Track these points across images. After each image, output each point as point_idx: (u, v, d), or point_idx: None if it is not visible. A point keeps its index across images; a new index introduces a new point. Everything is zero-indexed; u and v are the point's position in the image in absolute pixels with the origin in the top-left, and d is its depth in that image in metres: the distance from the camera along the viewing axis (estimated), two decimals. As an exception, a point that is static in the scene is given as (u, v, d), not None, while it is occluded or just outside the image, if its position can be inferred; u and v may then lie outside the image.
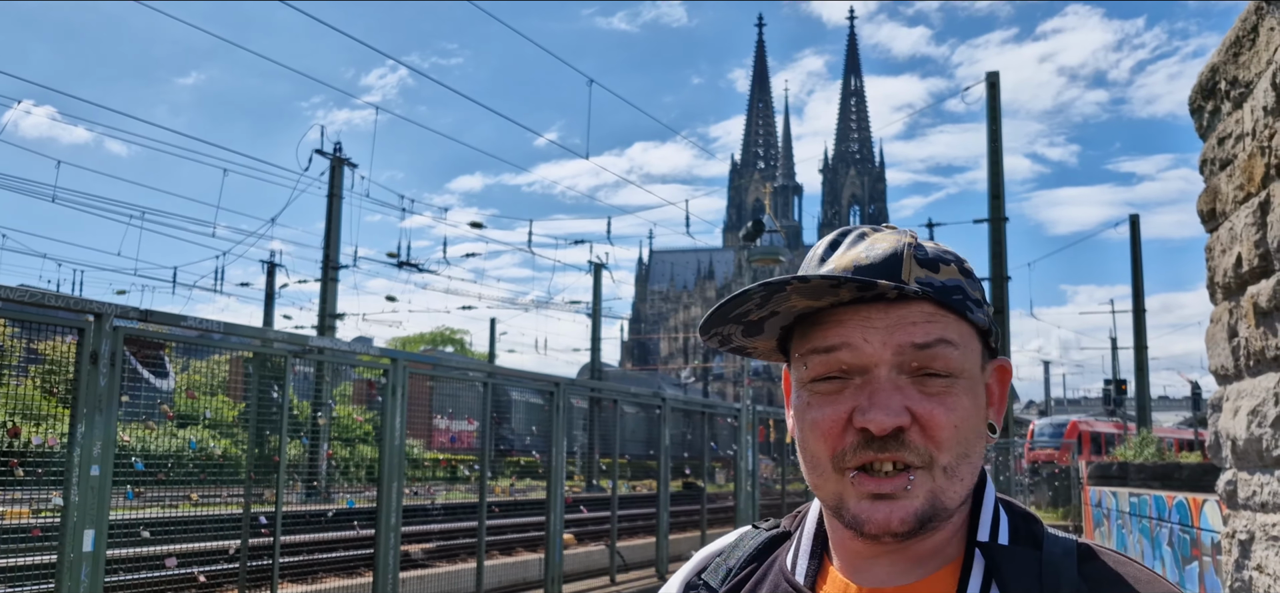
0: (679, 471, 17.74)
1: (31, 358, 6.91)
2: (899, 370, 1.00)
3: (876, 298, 1.01)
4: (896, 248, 1.03)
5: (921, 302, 1.01)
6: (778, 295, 1.00)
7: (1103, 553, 1.02)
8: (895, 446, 0.98)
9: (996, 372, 1.08)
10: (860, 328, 1.00)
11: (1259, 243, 4.28)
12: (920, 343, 0.99)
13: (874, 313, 1.01)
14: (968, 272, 1.06)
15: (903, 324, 1.00)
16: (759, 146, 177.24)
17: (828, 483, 1.03)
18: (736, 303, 1.02)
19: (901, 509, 0.98)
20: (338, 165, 29.84)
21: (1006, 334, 26.50)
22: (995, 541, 1.03)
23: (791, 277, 0.99)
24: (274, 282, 40.48)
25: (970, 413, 1.01)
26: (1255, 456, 4.42)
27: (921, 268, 1.02)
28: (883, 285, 0.98)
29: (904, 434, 0.98)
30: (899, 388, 0.99)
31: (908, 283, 1.01)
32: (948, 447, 0.99)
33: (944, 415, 0.99)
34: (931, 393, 1.00)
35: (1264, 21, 4.21)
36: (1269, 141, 4.14)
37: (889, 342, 0.99)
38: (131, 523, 6.97)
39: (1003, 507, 1.07)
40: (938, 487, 0.99)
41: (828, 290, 0.99)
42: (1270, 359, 4.23)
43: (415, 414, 13.76)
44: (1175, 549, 13.03)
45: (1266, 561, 4.39)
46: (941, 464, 0.99)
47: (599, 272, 45.83)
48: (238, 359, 8.72)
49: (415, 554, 12.89)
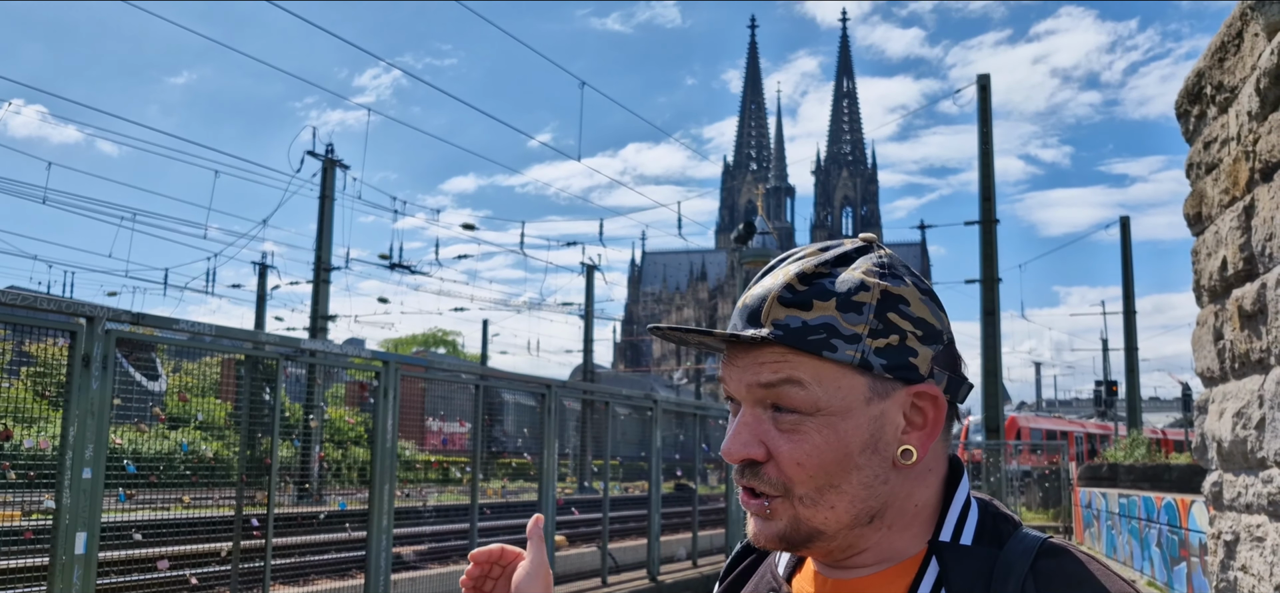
0: (671, 472, 17.77)
1: (23, 360, 6.91)
2: (759, 405, 1.08)
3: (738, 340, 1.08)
4: (767, 292, 1.08)
5: (772, 346, 1.06)
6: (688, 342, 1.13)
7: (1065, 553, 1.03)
8: (751, 476, 1.07)
9: (923, 398, 1.08)
10: (731, 362, 1.10)
11: (1243, 247, 4.32)
12: (766, 382, 1.06)
13: (737, 353, 1.10)
14: (855, 303, 1.06)
15: (754, 364, 1.08)
16: (752, 148, 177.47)
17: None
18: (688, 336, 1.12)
19: (766, 530, 1.08)
20: (330, 167, 29.81)
21: (997, 336, 26.57)
22: (956, 540, 1.07)
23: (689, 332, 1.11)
24: (266, 283, 40.43)
25: (827, 449, 1.04)
26: (1240, 457, 4.46)
27: (787, 308, 1.06)
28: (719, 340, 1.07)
29: (760, 468, 1.07)
30: (758, 422, 1.08)
31: (762, 327, 1.07)
32: (800, 480, 1.05)
33: (789, 451, 1.05)
34: (783, 429, 1.06)
35: (1248, 27, 4.26)
36: (1253, 146, 4.18)
37: (743, 379, 1.08)
38: (123, 525, 6.97)
39: (979, 507, 1.10)
40: (799, 514, 1.06)
41: (716, 344, 1.09)
42: (1255, 362, 4.26)
43: (408, 416, 13.76)
44: (1164, 550, 13.08)
45: (1251, 561, 4.43)
46: (797, 494, 1.06)
47: (591, 273, 45.87)
48: (230, 361, 8.73)
49: (407, 556, 12.90)
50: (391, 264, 34.63)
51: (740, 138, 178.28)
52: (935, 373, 1.08)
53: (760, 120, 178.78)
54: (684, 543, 17.30)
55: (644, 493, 16.60)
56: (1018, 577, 1.00)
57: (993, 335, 26.41)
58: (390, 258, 34.59)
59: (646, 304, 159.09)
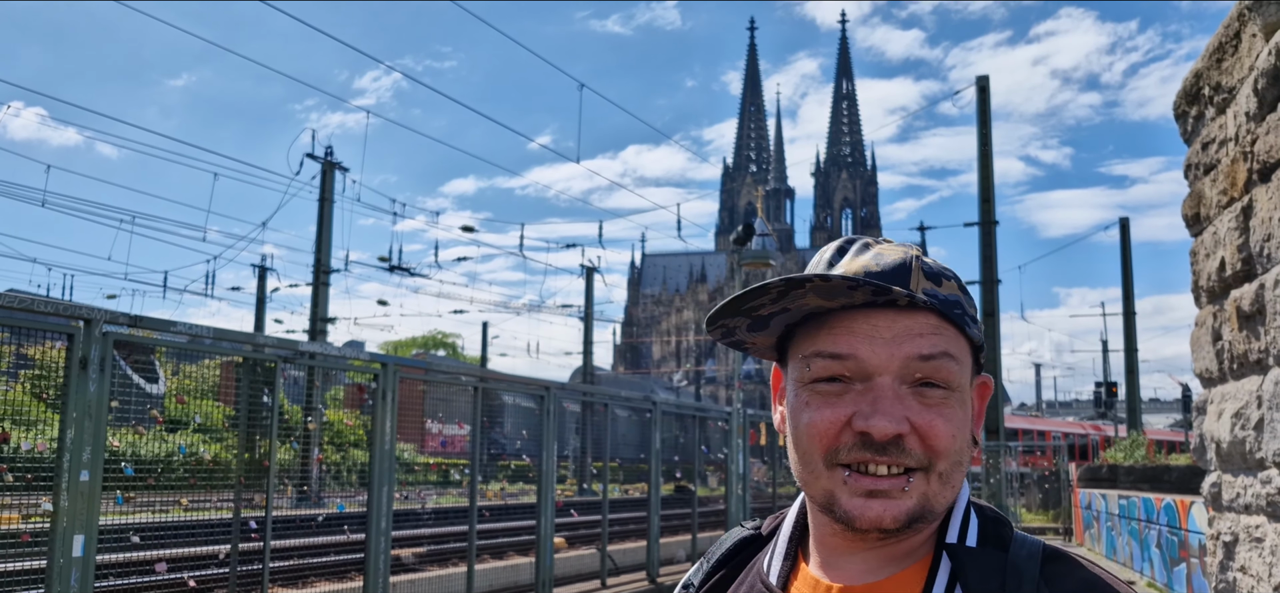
0: (671, 474, 17.76)
1: (22, 363, 6.90)
2: (901, 381, 1.04)
3: (887, 304, 1.04)
4: (904, 258, 1.07)
5: (927, 313, 1.05)
6: (795, 291, 1.03)
7: (1068, 557, 1.05)
8: (895, 450, 1.02)
9: (979, 387, 1.13)
10: (867, 335, 1.04)
11: (1242, 247, 4.32)
12: (925, 354, 1.03)
13: (881, 320, 1.04)
14: (964, 288, 1.10)
15: (909, 335, 1.04)
16: (751, 150, 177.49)
17: (819, 480, 1.06)
18: (753, 296, 1.05)
19: (895, 507, 1.02)
20: (329, 169, 29.81)
21: (997, 337, 26.58)
22: (963, 542, 1.07)
23: (813, 274, 1.03)
24: (265, 286, 40.42)
25: (964, 424, 1.06)
26: (1239, 458, 4.46)
27: (927, 280, 1.06)
28: (897, 292, 1.02)
29: (903, 441, 1.02)
30: (900, 398, 1.03)
31: (917, 293, 1.04)
32: (945, 455, 1.03)
33: (943, 426, 1.03)
34: (930, 404, 1.04)
35: (1246, 28, 4.25)
36: (1251, 147, 4.18)
37: (896, 352, 1.03)
38: (121, 528, 6.96)
39: (975, 510, 1.11)
40: (931, 491, 1.03)
41: (844, 292, 1.02)
42: (1253, 363, 4.26)
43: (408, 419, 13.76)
44: (1164, 551, 13.08)
45: (1250, 562, 4.43)
46: (938, 470, 1.03)
47: (591, 275, 45.88)
48: (229, 364, 8.72)
49: (406, 559, 12.89)
50: (391, 267, 34.62)
51: (740, 140, 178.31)
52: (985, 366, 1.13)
53: (760, 122, 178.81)
54: (683, 545, 17.29)
55: (644, 495, 16.59)
56: (1031, 581, 1.01)
57: (992, 337, 26.40)
58: (390, 260, 34.59)
59: (646, 306, 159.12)
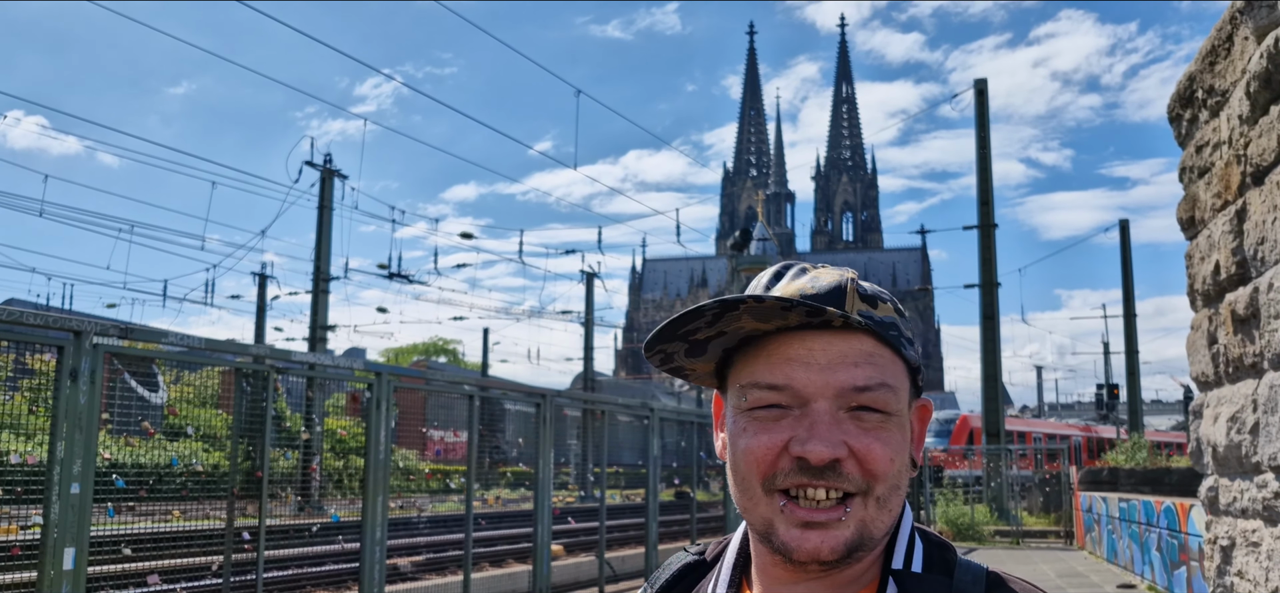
0: (671, 480, 17.74)
1: (23, 372, 6.87)
2: (837, 405, 1.02)
3: (822, 326, 1.03)
4: (840, 281, 1.06)
5: (862, 335, 1.04)
6: (729, 314, 1.02)
7: (1009, 581, 1.05)
8: (832, 475, 1.01)
9: (918, 411, 1.12)
10: (802, 360, 1.03)
11: (1236, 251, 4.29)
12: (861, 386, 1.02)
13: (816, 344, 1.03)
14: (901, 310, 1.09)
15: (844, 362, 1.02)
16: (751, 154, 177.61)
17: (758, 507, 1.04)
18: (687, 320, 1.03)
19: (832, 538, 1.01)
20: (328, 177, 29.82)
21: (997, 340, 26.54)
22: (909, 568, 1.06)
23: (746, 295, 1.01)
24: (265, 294, 40.44)
25: (902, 448, 1.05)
26: (1235, 462, 4.43)
27: (862, 302, 1.05)
28: (830, 313, 1.01)
29: (840, 466, 1.01)
30: (837, 422, 1.02)
31: (851, 314, 1.03)
32: (883, 478, 1.02)
33: (881, 450, 1.02)
34: (867, 428, 1.02)
35: (1238, 30, 4.23)
36: (1244, 150, 4.15)
37: (831, 380, 1.02)
38: (113, 540, 6.93)
39: (919, 536, 1.10)
40: (869, 517, 1.02)
41: (778, 313, 1.01)
42: (1248, 366, 4.23)
43: (408, 426, 13.75)
44: (1164, 554, 13.04)
45: (1247, 566, 4.39)
46: (876, 495, 1.02)
47: (591, 281, 45.88)
48: (230, 373, 8.69)
49: (404, 567, 12.85)
50: (390, 274, 34.60)
51: (740, 144, 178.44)
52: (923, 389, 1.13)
53: (760, 126, 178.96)
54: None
55: (644, 501, 16.56)
56: None
57: (992, 339, 26.37)
58: (389, 268, 34.57)
59: (647, 311, 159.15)
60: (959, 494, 25.13)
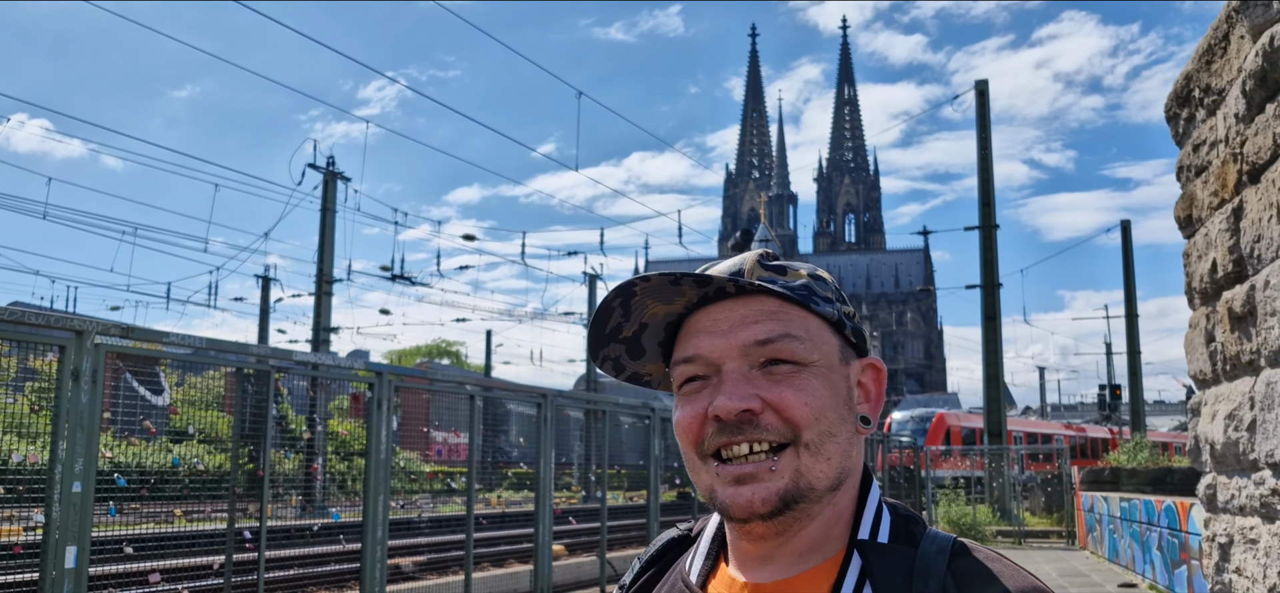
0: (672, 481, 17.75)
1: (27, 375, 6.90)
2: (748, 364, 1.06)
3: (718, 295, 1.08)
4: (743, 260, 1.12)
5: (763, 297, 1.08)
6: (634, 301, 1.08)
7: (975, 551, 1.07)
8: (750, 429, 1.04)
9: (867, 369, 1.15)
10: (707, 330, 1.08)
11: (1233, 249, 4.30)
12: (762, 339, 1.06)
13: (719, 313, 1.08)
14: (820, 278, 1.13)
15: (745, 322, 1.07)
16: (753, 156, 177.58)
17: (700, 477, 1.09)
18: (603, 316, 1.09)
19: (763, 490, 1.03)
20: (331, 179, 29.87)
21: (999, 341, 26.52)
22: (875, 539, 1.08)
23: (637, 278, 1.06)
24: (269, 296, 40.50)
25: (825, 396, 1.07)
26: (1233, 459, 4.44)
27: (766, 271, 1.10)
28: (722, 280, 1.06)
29: (757, 418, 1.04)
30: (747, 379, 1.06)
31: (749, 280, 1.08)
32: (806, 424, 1.04)
33: (794, 395, 1.05)
34: (779, 379, 1.06)
35: (1234, 29, 4.24)
36: (1241, 148, 4.17)
37: (733, 340, 1.06)
38: (115, 540, 6.96)
39: (888, 508, 1.13)
40: (802, 465, 1.04)
41: (672, 289, 1.07)
42: (1245, 364, 4.24)
43: (411, 428, 13.77)
44: (1165, 553, 13.04)
45: (1245, 564, 4.41)
46: (805, 441, 1.04)
47: (593, 283, 45.94)
48: (232, 375, 8.72)
49: (406, 568, 12.87)
50: (393, 276, 34.64)
51: (742, 146, 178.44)
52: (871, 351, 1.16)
53: (762, 128, 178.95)
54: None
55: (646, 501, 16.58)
56: (938, 577, 1.02)
57: (994, 340, 26.36)
58: (392, 270, 34.61)
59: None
60: (960, 494, 25.13)
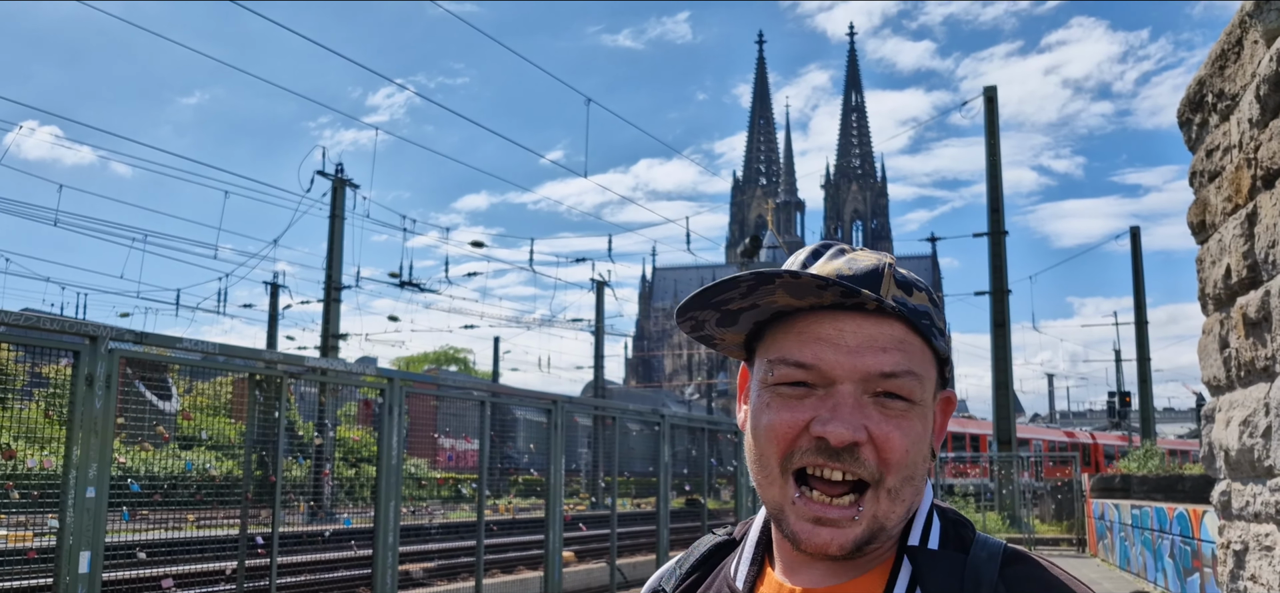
0: (681, 487, 17.75)
1: (37, 382, 6.93)
2: (862, 389, 1.02)
3: (855, 308, 1.03)
4: (878, 265, 1.06)
5: (894, 321, 1.03)
6: (764, 287, 1.02)
7: (1028, 558, 1.04)
8: (849, 458, 1.00)
9: (943, 402, 1.11)
10: (832, 341, 1.02)
11: (1247, 254, 4.29)
12: (888, 372, 1.01)
13: (847, 325, 1.03)
14: (935, 301, 1.09)
15: (873, 346, 1.02)
16: (761, 163, 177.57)
17: (773, 488, 1.05)
18: (722, 289, 1.03)
19: (841, 536, 1.01)
20: (339, 186, 29.94)
21: (1008, 347, 26.46)
22: (924, 545, 1.06)
23: (783, 270, 1.01)
24: (277, 303, 40.56)
25: (921, 438, 1.04)
26: (1247, 466, 4.42)
27: (898, 288, 1.05)
28: (865, 296, 1.00)
29: (858, 450, 1.00)
30: (860, 406, 1.01)
31: (886, 299, 1.03)
32: (897, 468, 1.01)
33: (899, 439, 1.01)
34: (890, 415, 1.02)
35: (1248, 34, 4.24)
36: (1255, 153, 4.16)
37: (858, 364, 1.01)
38: (128, 545, 6.97)
39: (938, 513, 1.10)
40: (882, 511, 1.01)
41: (813, 291, 1.01)
42: (1260, 370, 4.23)
43: (419, 434, 13.80)
44: (1176, 561, 12.98)
45: (1260, 571, 4.39)
46: (888, 485, 1.01)
47: (601, 289, 45.93)
48: (242, 382, 8.74)
49: (416, 574, 12.87)
50: (402, 283, 34.69)
51: (749, 153, 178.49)
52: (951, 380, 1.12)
53: (769, 135, 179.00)
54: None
55: (655, 508, 16.58)
56: (989, 584, 1.00)
57: (1003, 347, 26.30)
58: (400, 276, 34.67)
59: (657, 320, 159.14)
60: (970, 502, 25.06)
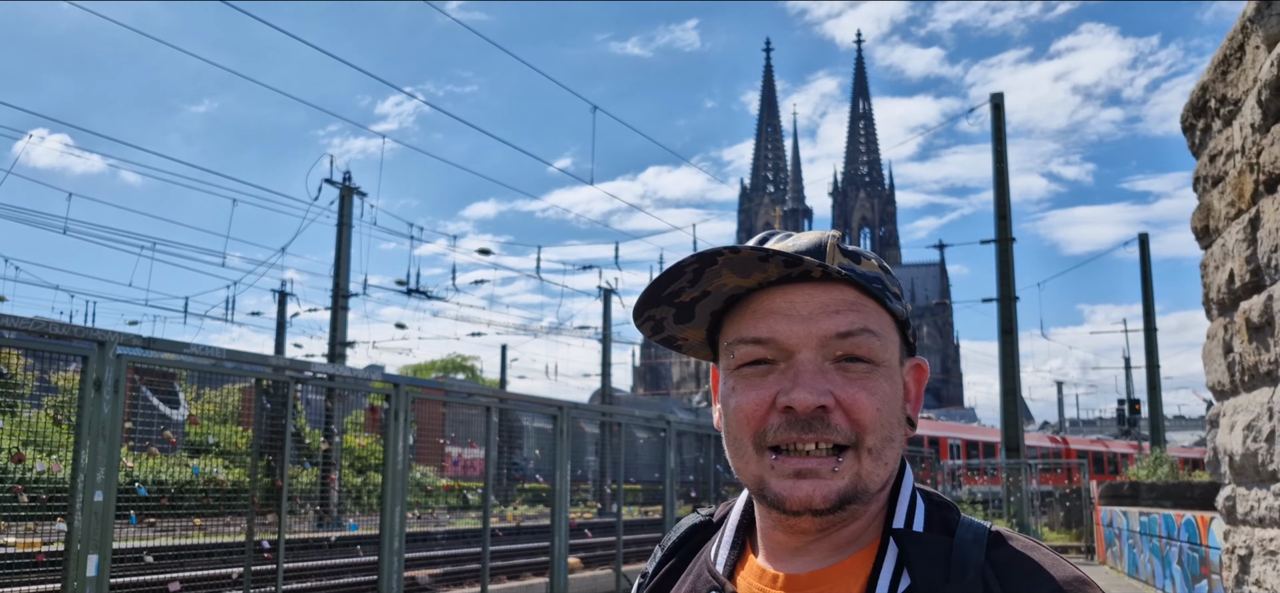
0: (687, 495, 17.74)
1: (46, 388, 6.97)
2: (823, 356, 1.02)
3: (802, 278, 1.04)
4: (821, 239, 1.07)
5: (844, 285, 1.04)
6: (709, 270, 1.02)
7: (1012, 539, 1.04)
8: (820, 427, 1.00)
9: (913, 369, 1.12)
10: (784, 313, 1.03)
11: (1250, 259, 4.29)
12: (844, 331, 1.02)
13: (798, 296, 1.03)
14: (886, 268, 1.10)
15: (826, 311, 1.03)
16: (768, 170, 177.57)
17: (749, 465, 1.04)
18: (670, 279, 1.03)
19: (825, 487, 1.00)
20: (347, 194, 30.04)
21: (1016, 354, 26.40)
22: (909, 528, 1.05)
23: (723, 247, 1.01)
24: (285, 311, 40.69)
25: (890, 398, 1.04)
26: (1252, 471, 4.41)
27: (844, 256, 1.06)
28: (809, 262, 1.01)
29: (827, 416, 1.00)
30: (822, 372, 1.01)
31: (831, 265, 1.04)
32: (872, 428, 1.01)
33: (866, 398, 1.01)
34: (853, 378, 1.02)
35: (1249, 40, 4.24)
36: (1257, 158, 4.16)
37: (813, 329, 1.02)
38: (136, 550, 7.01)
39: (921, 496, 1.10)
40: (863, 469, 1.01)
41: (755, 264, 1.01)
42: (1264, 374, 4.22)
43: (426, 442, 13.83)
44: (1184, 568, 12.93)
45: (1265, 575, 4.38)
46: (867, 446, 1.01)
47: (608, 297, 45.95)
48: (249, 389, 8.77)
49: (422, 580, 12.89)
50: (408, 290, 34.75)
51: (757, 161, 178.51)
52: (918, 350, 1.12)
53: (777, 143, 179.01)
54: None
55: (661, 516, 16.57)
56: (975, 566, 0.99)
57: (1011, 354, 26.23)
58: (407, 284, 34.73)
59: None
60: (978, 509, 24.99)
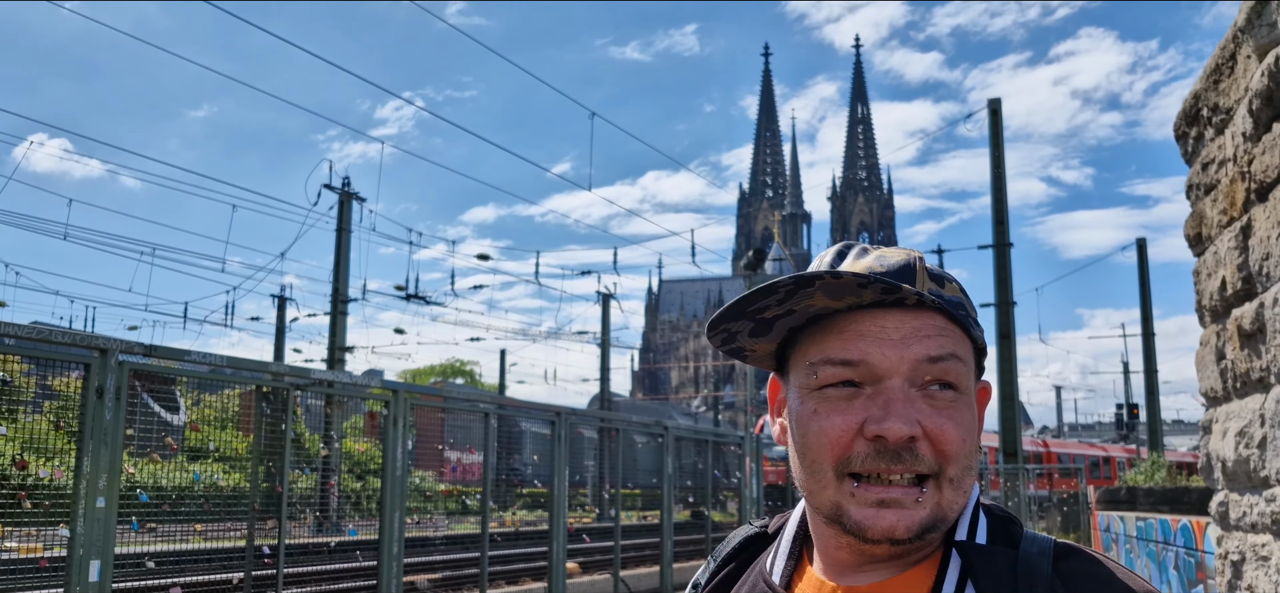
0: (685, 500, 17.78)
1: (46, 394, 7.00)
2: (910, 382, 1.01)
3: (895, 304, 1.02)
4: (908, 260, 1.05)
5: (934, 313, 1.03)
6: (803, 291, 1.01)
7: (1080, 553, 1.03)
8: (908, 457, 0.99)
9: (979, 393, 1.11)
10: (876, 337, 1.01)
11: (1242, 266, 4.33)
12: (934, 356, 1.01)
13: (889, 321, 1.02)
14: (965, 291, 1.10)
15: (917, 336, 1.01)
16: (767, 175, 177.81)
17: (826, 490, 1.03)
18: (759, 296, 1.03)
19: (907, 518, 0.99)
20: (346, 200, 30.06)
21: (1013, 359, 26.45)
22: (973, 540, 1.04)
23: (822, 272, 1.00)
24: (284, 316, 40.73)
25: (972, 428, 1.03)
26: (1244, 477, 4.45)
27: (932, 281, 1.05)
28: (906, 291, 1.00)
29: (916, 446, 0.99)
30: (910, 400, 1.00)
31: (924, 292, 1.02)
32: (955, 459, 1.00)
33: (953, 429, 1.00)
34: (939, 407, 1.01)
35: (1241, 49, 4.29)
36: (1248, 167, 4.20)
37: (906, 354, 1.00)
38: (137, 555, 7.04)
39: (983, 509, 1.09)
40: (945, 500, 1.00)
41: (852, 290, 1.00)
42: (1255, 381, 4.26)
43: (425, 447, 13.87)
44: (1181, 573, 12.97)
45: (1257, 581, 4.41)
46: (949, 476, 1.00)
47: (607, 302, 45.96)
48: (249, 394, 8.81)
49: (421, 585, 12.92)
50: (408, 296, 34.76)
51: (755, 165, 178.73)
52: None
53: (776, 147, 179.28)
54: (696, 570, 17.22)
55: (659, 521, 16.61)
56: (1044, 579, 0.98)
57: (1009, 359, 26.27)
58: (406, 289, 34.75)
59: (663, 332, 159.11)
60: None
